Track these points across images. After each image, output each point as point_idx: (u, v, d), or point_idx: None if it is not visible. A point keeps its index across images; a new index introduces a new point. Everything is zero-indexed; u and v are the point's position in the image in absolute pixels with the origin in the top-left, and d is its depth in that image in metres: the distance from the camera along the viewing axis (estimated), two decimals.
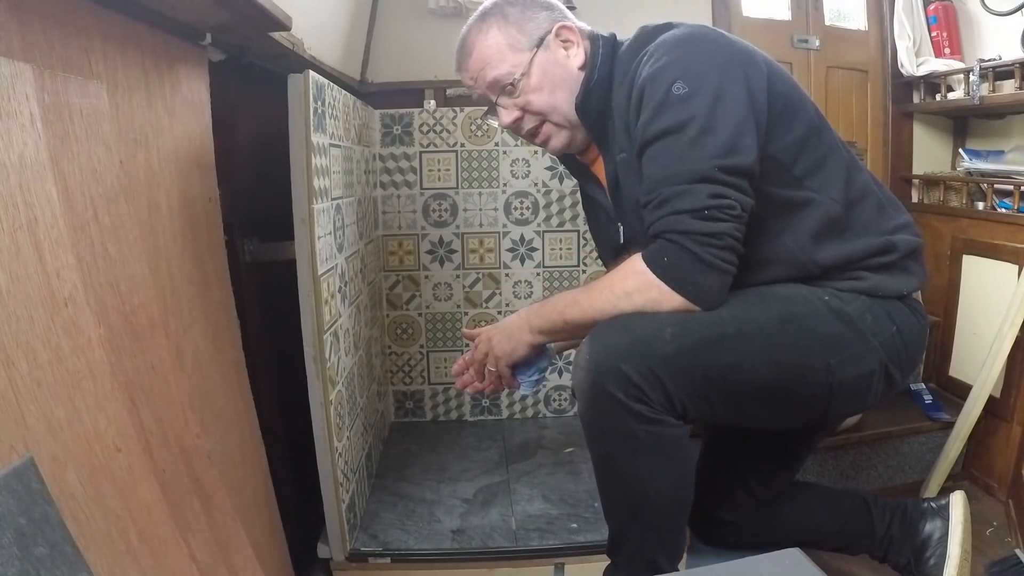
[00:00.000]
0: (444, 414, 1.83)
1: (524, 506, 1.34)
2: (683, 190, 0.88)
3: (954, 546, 1.08)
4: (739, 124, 0.89)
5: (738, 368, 0.90)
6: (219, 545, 0.82)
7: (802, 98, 1.00)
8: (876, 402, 1.01)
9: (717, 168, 0.87)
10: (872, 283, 0.98)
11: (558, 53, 1.05)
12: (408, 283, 1.76)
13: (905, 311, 1.01)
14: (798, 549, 0.70)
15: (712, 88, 0.90)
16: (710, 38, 0.96)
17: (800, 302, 0.95)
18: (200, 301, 0.96)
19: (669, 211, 0.88)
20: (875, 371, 0.97)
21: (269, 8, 0.90)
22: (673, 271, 0.89)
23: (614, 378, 0.87)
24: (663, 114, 0.90)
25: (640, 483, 0.93)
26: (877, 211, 1.02)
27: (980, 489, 1.66)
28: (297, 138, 1.02)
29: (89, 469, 0.61)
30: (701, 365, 0.89)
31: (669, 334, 0.88)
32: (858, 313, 0.96)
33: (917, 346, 1.04)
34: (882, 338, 0.97)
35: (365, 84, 1.83)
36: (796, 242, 0.97)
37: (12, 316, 0.55)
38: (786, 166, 0.96)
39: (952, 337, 1.83)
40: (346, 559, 1.19)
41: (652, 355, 0.87)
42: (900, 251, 1.00)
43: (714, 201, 0.87)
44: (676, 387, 0.88)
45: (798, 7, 1.99)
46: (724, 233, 0.88)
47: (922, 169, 2.03)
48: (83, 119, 0.69)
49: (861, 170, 1.04)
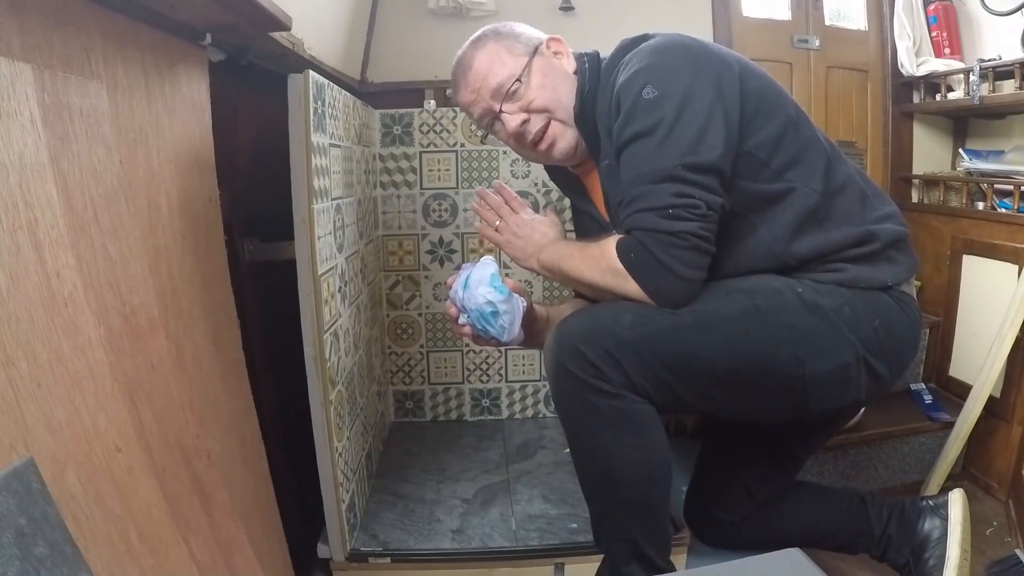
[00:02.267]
0: (444, 414, 1.83)
1: (524, 506, 1.34)
2: (648, 190, 0.91)
3: (953, 546, 1.08)
4: (705, 122, 0.91)
5: (694, 357, 0.93)
6: (219, 545, 0.82)
7: (779, 94, 1.01)
8: (862, 396, 1.00)
9: (681, 167, 0.90)
10: (852, 275, 0.98)
11: (552, 59, 1.10)
12: (408, 283, 1.76)
13: (890, 304, 1.00)
14: (798, 549, 0.70)
15: (680, 90, 0.92)
16: (682, 44, 0.98)
17: (769, 294, 0.96)
18: (200, 301, 0.96)
19: (635, 209, 0.92)
20: (851, 365, 0.96)
21: (269, 8, 0.90)
22: (637, 268, 0.93)
23: (573, 358, 0.92)
24: (634, 118, 0.94)
25: (608, 456, 0.96)
26: (859, 201, 1.02)
27: (980, 489, 1.66)
28: (297, 138, 1.02)
29: (89, 469, 0.61)
30: (658, 352, 0.92)
31: (628, 320, 0.93)
32: (834, 306, 0.96)
33: (906, 340, 1.03)
34: (861, 332, 0.96)
35: (365, 84, 1.83)
36: (772, 234, 0.98)
37: (12, 316, 0.55)
38: (763, 161, 0.97)
39: (952, 337, 1.83)
40: (346, 559, 1.19)
41: (608, 338, 0.92)
42: (881, 240, 1.00)
43: (678, 200, 0.89)
44: (633, 370, 0.92)
45: (798, 7, 1.99)
46: (688, 232, 0.90)
47: (922, 169, 2.03)
48: (83, 119, 0.69)
49: (843, 162, 1.05)
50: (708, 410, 1.09)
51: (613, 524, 1.02)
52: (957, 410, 1.62)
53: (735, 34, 1.91)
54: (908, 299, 1.03)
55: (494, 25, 1.13)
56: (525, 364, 1.82)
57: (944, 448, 1.60)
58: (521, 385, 1.83)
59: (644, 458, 0.96)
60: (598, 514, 1.04)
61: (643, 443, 0.96)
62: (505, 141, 1.13)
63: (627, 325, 0.92)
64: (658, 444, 0.97)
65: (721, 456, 1.21)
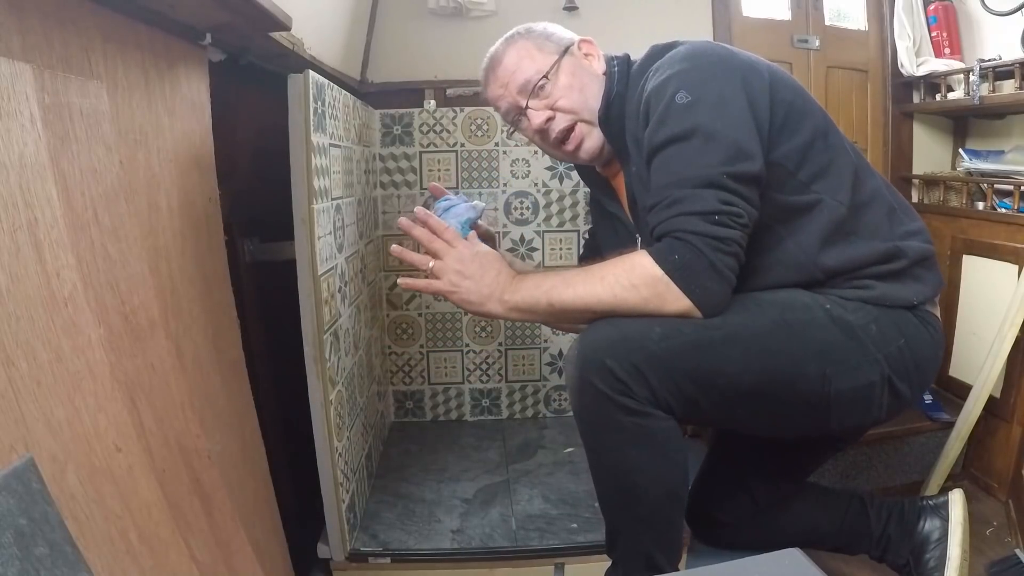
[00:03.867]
0: (444, 414, 1.83)
1: (524, 506, 1.34)
2: (693, 194, 0.88)
3: (954, 547, 1.07)
4: (743, 131, 0.90)
5: (723, 373, 0.91)
6: (219, 545, 0.82)
7: (807, 103, 1.00)
8: (883, 416, 0.99)
9: (725, 175, 0.88)
10: (879, 292, 0.97)
11: (582, 60, 1.09)
12: None
13: (916, 323, 0.98)
14: (798, 549, 0.70)
15: (714, 96, 0.91)
16: (712, 51, 0.98)
17: (798, 309, 0.95)
18: (200, 301, 0.96)
19: (678, 212, 0.89)
20: (875, 383, 0.94)
21: (269, 8, 0.90)
22: (684, 270, 0.88)
23: (599, 372, 0.89)
24: (668, 123, 0.92)
25: (629, 474, 0.94)
26: (887, 216, 1.00)
27: (980, 489, 1.66)
28: (297, 138, 1.02)
29: (89, 469, 0.61)
30: (686, 367, 0.90)
31: (657, 334, 0.89)
32: (862, 323, 0.94)
33: (929, 360, 1.01)
34: (887, 350, 0.95)
35: (365, 84, 1.82)
36: (800, 246, 0.96)
37: (12, 316, 0.55)
38: (791, 171, 0.96)
39: (952, 337, 1.83)
40: (346, 559, 1.19)
41: (637, 352, 0.88)
42: (909, 257, 0.98)
43: (724, 207, 0.88)
44: (660, 385, 0.89)
45: (798, 7, 1.99)
46: (732, 239, 0.88)
47: (922, 169, 2.03)
48: (83, 119, 0.69)
49: (872, 175, 1.03)
50: (731, 426, 1.07)
51: (629, 537, 1.00)
52: (957, 410, 1.62)
53: (735, 34, 1.90)
54: (932, 319, 1.02)
55: (528, 24, 1.12)
56: (525, 364, 1.82)
57: (944, 448, 1.60)
58: (521, 385, 1.83)
59: (665, 474, 0.95)
60: (614, 527, 1.02)
61: (665, 460, 0.94)
62: (530, 138, 1.13)
63: (656, 338, 0.89)
64: (679, 460, 0.96)
65: (728, 460, 1.21)
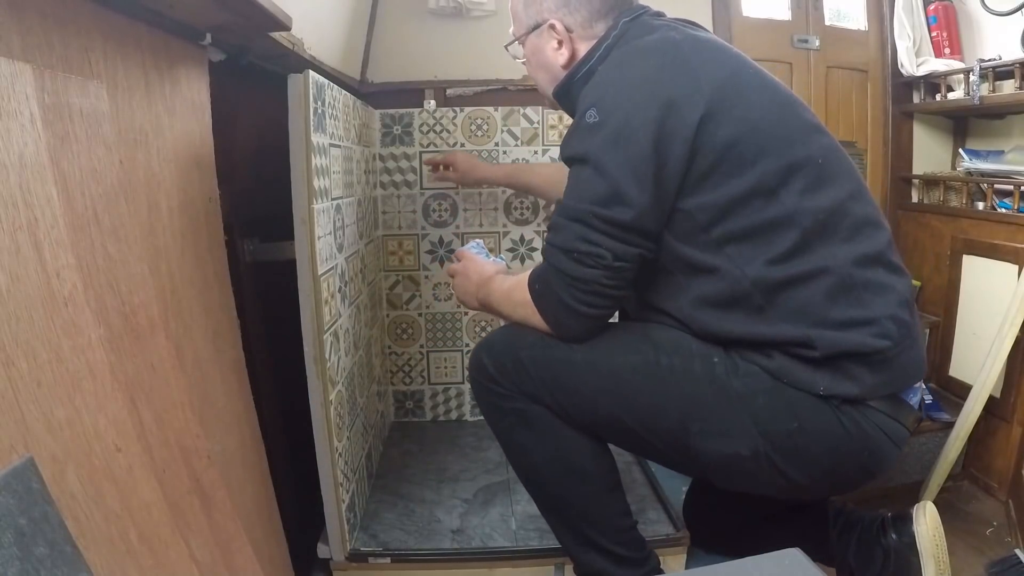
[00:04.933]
0: (444, 414, 1.83)
1: (524, 506, 1.34)
2: (564, 225, 0.90)
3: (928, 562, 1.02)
4: (628, 173, 0.84)
5: (578, 393, 0.95)
6: (219, 545, 0.82)
7: (762, 152, 0.85)
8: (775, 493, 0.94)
9: (593, 215, 0.86)
10: (778, 364, 0.87)
11: (548, 44, 1.05)
12: (408, 283, 1.76)
13: (826, 414, 0.86)
14: (798, 549, 0.70)
15: (618, 124, 0.85)
16: (653, 64, 0.88)
17: (680, 354, 0.91)
18: (200, 301, 0.96)
19: (550, 240, 0.92)
20: (747, 457, 0.88)
21: (269, 8, 0.90)
22: (540, 300, 0.95)
23: (477, 367, 1.01)
24: (572, 140, 0.92)
25: (525, 455, 1.02)
26: (827, 297, 0.85)
27: (980, 489, 1.66)
28: (297, 138, 1.02)
29: (89, 469, 0.61)
30: (545, 376, 0.96)
31: (529, 342, 0.97)
32: (745, 391, 0.87)
33: (837, 458, 0.87)
34: (770, 428, 0.87)
35: (365, 84, 1.83)
36: (694, 305, 0.91)
37: (12, 316, 0.55)
38: (702, 226, 0.87)
39: (952, 337, 1.83)
40: (346, 559, 1.19)
41: (508, 354, 0.98)
42: (822, 350, 0.84)
43: (583, 246, 0.87)
44: (527, 383, 0.96)
45: (798, 7, 1.99)
46: (591, 280, 0.88)
47: (922, 169, 2.03)
48: (83, 119, 0.69)
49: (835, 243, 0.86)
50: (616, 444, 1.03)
51: (561, 523, 1.04)
52: (957, 410, 1.62)
53: (735, 34, 1.90)
54: (865, 417, 0.86)
55: None
56: None
57: (944, 448, 1.60)
58: None
59: (553, 452, 0.99)
60: (538, 504, 1.07)
61: (544, 438, 0.98)
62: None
63: (527, 346, 0.96)
64: (561, 436, 0.98)
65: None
